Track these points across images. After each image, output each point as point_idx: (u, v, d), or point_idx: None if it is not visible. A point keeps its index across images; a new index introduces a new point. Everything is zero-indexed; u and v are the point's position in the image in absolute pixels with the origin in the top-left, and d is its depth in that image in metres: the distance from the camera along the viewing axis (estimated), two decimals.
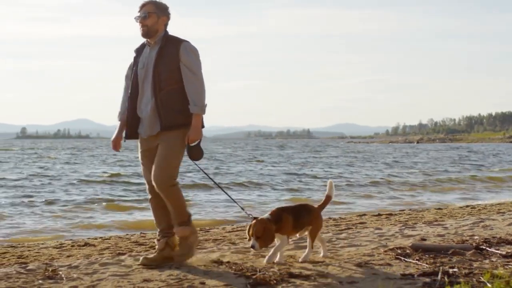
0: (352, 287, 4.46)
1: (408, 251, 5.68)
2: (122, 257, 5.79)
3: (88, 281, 4.77)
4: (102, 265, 5.40)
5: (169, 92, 5.25)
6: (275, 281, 4.57)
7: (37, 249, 6.86)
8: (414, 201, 14.40)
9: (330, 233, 7.37)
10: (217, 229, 8.65)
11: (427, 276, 4.66)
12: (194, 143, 5.28)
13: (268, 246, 5.14)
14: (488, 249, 5.75)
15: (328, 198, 5.59)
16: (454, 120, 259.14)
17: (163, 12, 5.38)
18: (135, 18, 5.35)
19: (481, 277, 4.51)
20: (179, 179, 5.36)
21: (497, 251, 5.66)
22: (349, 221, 9.20)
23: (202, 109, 5.25)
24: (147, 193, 5.53)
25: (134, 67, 5.48)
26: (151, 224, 6.83)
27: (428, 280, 4.53)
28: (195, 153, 5.32)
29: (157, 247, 5.48)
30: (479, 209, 10.70)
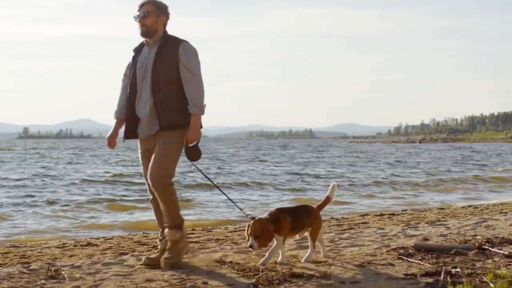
0: (355, 287, 4.45)
1: (411, 251, 5.68)
2: (124, 257, 5.80)
3: (90, 281, 4.77)
4: (104, 265, 5.41)
5: (168, 92, 5.23)
6: (277, 281, 4.57)
7: (39, 249, 6.86)
8: (417, 201, 14.36)
9: (332, 233, 7.37)
10: (220, 229, 8.64)
11: (429, 276, 4.66)
12: (192, 143, 5.27)
13: (267, 245, 5.13)
14: (490, 249, 5.74)
15: (328, 199, 5.59)
16: (456, 120, 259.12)
17: (162, 11, 5.34)
18: (134, 17, 5.32)
19: (483, 277, 4.50)
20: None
21: (499, 251, 5.65)
22: (351, 221, 9.19)
23: (201, 109, 5.23)
24: (149, 193, 5.53)
25: (132, 66, 5.46)
26: (153, 224, 6.82)
27: (431, 280, 4.52)
28: (193, 153, 5.30)
29: (159, 247, 5.47)
30: (481, 209, 10.68)
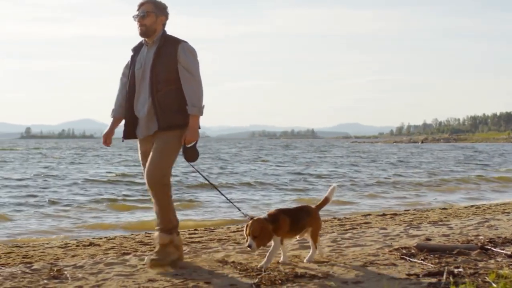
0: (357, 287, 4.45)
1: (413, 251, 5.67)
2: (127, 257, 5.80)
3: (93, 281, 4.78)
4: (107, 265, 5.41)
5: (167, 93, 5.21)
6: (280, 281, 4.56)
7: (42, 249, 6.86)
8: (419, 201, 14.36)
9: (335, 233, 7.37)
10: (222, 229, 8.64)
11: (432, 276, 4.65)
12: (190, 144, 5.25)
13: (265, 245, 5.12)
14: (493, 249, 5.73)
15: (326, 200, 5.58)
16: (459, 120, 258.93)
17: (161, 11, 5.31)
18: (133, 17, 5.29)
19: (486, 277, 4.50)
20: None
21: (502, 251, 5.64)
22: (353, 221, 9.19)
23: (200, 110, 5.21)
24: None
25: (131, 66, 5.43)
26: None
27: (433, 280, 4.52)
28: (191, 154, 5.28)
29: None
30: (484, 209, 10.67)
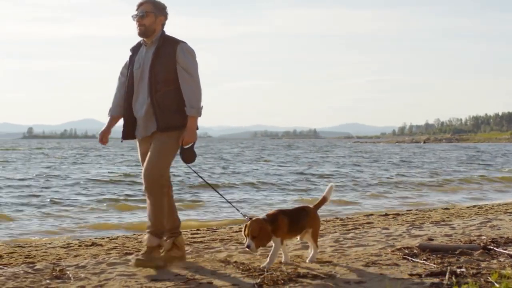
0: (360, 287, 4.45)
1: (416, 251, 5.67)
2: (129, 257, 5.79)
3: (95, 281, 4.78)
4: (109, 265, 5.41)
5: (166, 94, 5.20)
6: (282, 281, 4.56)
7: (44, 248, 6.86)
8: (422, 201, 14.34)
9: (337, 233, 7.36)
10: (224, 229, 8.65)
11: (434, 276, 4.65)
12: (188, 145, 5.25)
13: (264, 246, 5.11)
14: (495, 249, 5.72)
15: (324, 199, 5.57)
16: (461, 120, 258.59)
17: (161, 11, 5.30)
18: (132, 17, 5.27)
19: (489, 277, 4.50)
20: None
21: (504, 251, 5.64)
22: (356, 221, 9.18)
23: (198, 111, 5.20)
24: None
25: (129, 66, 5.42)
26: None
27: (436, 280, 4.51)
28: (188, 155, 5.27)
29: (164, 247, 5.47)
30: (486, 209, 10.65)
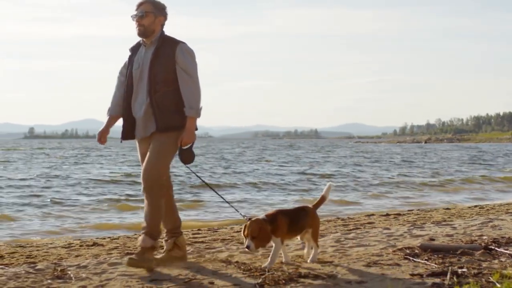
0: (361, 287, 4.45)
1: (417, 251, 5.67)
2: None
3: (97, 281, 4.78)
4: (110, 265, 5.42)
5: (165, 94, 5.18)
6: (283, 281, 4.56)
7: (45, 249, 6.87)
8: (423, 201, 14.34)
9: (338, 233, 7.36)
10: (226, 229, 8.64)
11: (436, 276, 4.65)
12: (187, 146, 5.23)
13: (264, 246, 5.10)
14: (497, 249, 5.72)
15: (323, 198, 5.57)
16: (462, 120, 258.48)
17: (160, 12, 5.28)
18: (132, 17, 5.25)
19: (490, 277, 4.49)
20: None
21: (506, 251, 5.63)
22: (357, 221, 9.18)
23: (198, 112, 5.18)
24: None
25: (129, 66, 5.41)
26: None
27: (437, 280, 4.51)
28: (187, 156, 5.25)
29: (165, 247, 5.48)
30: (487, 209, 10.65)
